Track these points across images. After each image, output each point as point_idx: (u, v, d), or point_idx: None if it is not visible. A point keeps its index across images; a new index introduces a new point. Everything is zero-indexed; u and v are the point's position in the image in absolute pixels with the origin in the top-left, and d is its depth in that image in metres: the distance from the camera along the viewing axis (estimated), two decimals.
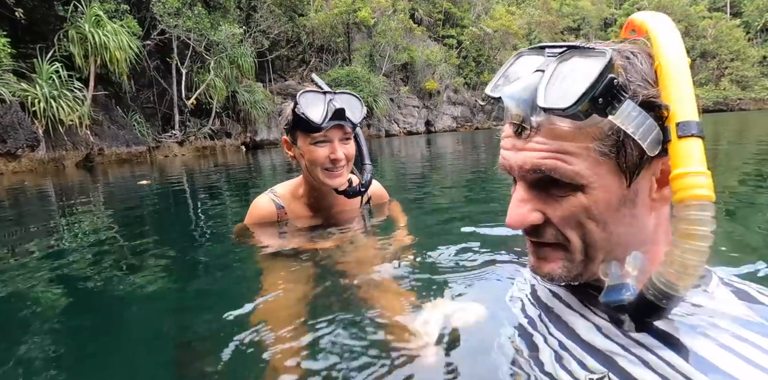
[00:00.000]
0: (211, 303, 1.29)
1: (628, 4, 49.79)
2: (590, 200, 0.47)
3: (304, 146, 1.36)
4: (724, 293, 0.48)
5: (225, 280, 1.48)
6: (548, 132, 0.47)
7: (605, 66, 0.41)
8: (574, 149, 0.46)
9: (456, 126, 31.19)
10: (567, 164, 0.46)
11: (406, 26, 26.80)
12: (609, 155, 0.46)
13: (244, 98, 15.81)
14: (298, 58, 23.00)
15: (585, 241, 0.50)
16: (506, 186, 3.48)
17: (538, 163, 0.47)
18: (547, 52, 0.47)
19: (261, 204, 1.53)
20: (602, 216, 0.48)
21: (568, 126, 0.46)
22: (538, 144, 0.48)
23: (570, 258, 0.52)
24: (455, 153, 8.18)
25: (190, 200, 3.82)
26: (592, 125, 0.45)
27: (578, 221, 0.49)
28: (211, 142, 15.09)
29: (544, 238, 0.52)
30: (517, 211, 0.51)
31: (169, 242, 2.15)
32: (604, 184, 0.47)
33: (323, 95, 1.33)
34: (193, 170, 7.44)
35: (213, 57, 14.44)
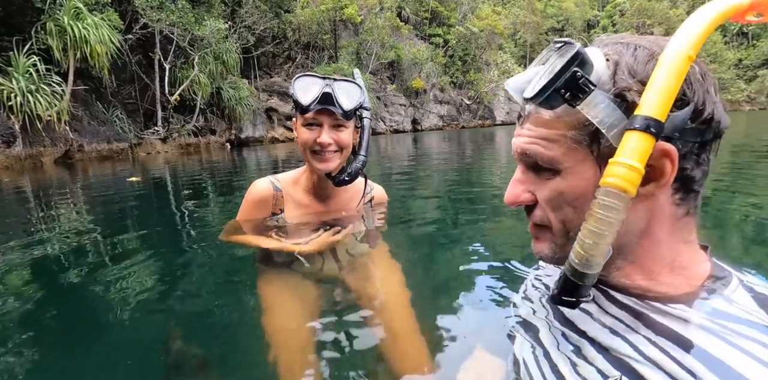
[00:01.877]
0: (201, 309, 1.28)
1: (611, 7, 50.66)
2: (566, 185, 0.51)
3: (299, 127, 1.40)
4: (743, 297, 0.47)
5: (216, 284, 1.47)
6: (534, 120, 0.52)
7: (567, 61, 0.44)
8: (552, 136, 0.50)
9: (442, 125, 31.32)
10: (545, 150, 0.51)
11: (393, 24, 26.76)
12: (581, 144, 0.49)
13: (228, 95, 15.58)
14: (284, 55, 22.77)
15: (564, 224, 0.53)
16: (490, 187, 3.52)
17: (524, 147, 0.53)
18: (553, 46, 0.50)
19: (259, 185, 1.53)
20: (578, 202, 0.50)
21: (549, 115, 0.50)
22: (526, 130, 0.53)
23: (554, 239, 0.55)
24: (444, 152, 8.22)
25: (177, 199, 3.76)
26: (571, 115, 0.48)
27: (557, 205, 0.52)
28: (195, 139, 14.85)
29: (534, 218, 0.56)
30: (512, 190, 0.56)
31: (158, 242, 2.12)
32: (579, 171, 0.50)
33: (321, 80, 1.35)
34: (177, 168, 7.32)
35: (197, 52, 14.19)
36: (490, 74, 34.88)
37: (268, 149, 12.98)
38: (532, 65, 0.52)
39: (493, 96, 35.70)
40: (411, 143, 13.01)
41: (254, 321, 1.14)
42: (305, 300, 1.23)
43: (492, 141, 12.03)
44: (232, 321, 1.20)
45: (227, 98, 15.59)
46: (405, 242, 1.82)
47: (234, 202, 3.23)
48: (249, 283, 1.45)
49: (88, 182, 5.62)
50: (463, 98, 34.02)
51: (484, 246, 1.76)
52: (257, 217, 1.52)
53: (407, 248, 1.75)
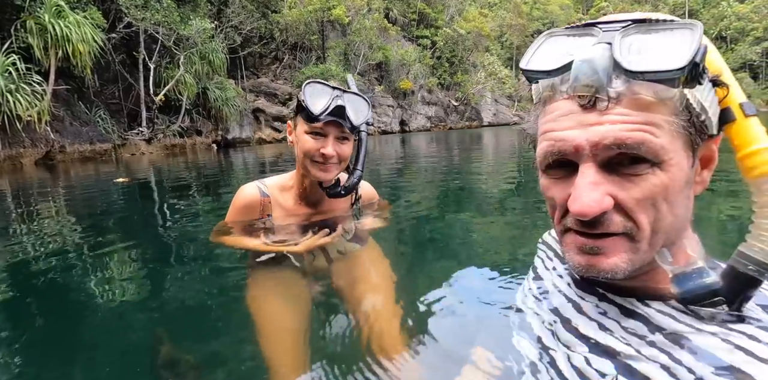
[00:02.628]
0: (190, 310, 1.27)
1: (594, 10, 51.53)
2: (669, 178, 0.44)
3: (301, 134, 1.38)
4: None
5: (204, 285, 1.46)
6: (632, 102, 0.43)
7: (701, 33, 0.40)
8: (660, 121, 0.43)
9: (430, 126, 31.43)
10: (654, 137, 0.42)
11: (381, 25, 26.79)
12: (687, 130, 0.44)
13: (215, 95, 15.42)
14: (271, 56, 22.62)
15: (653, 227, 0.45)
16: (475, 184, 3.56)
17: (623, 136, 0.42)
18: (603, 27, 0.45)
19: (246, 191, 1.52)
20: (675, 197, 0.45)
21: (651, 97, 0.42)
22: (620, 116, 0.43)
23: (635, 248, 0.46)
24: (432, 153, 8.26)
25: (163, 200, 3.71)
26: (670, 98, 0.42)
27: (653, 203, 0.44)
28: (180, 140, 14.65)
29: (611, 227, 0.45)
30: (592, 196, 0.44)
31: (146, 243, 2.09)
32: (679, 161, 0.44)
33: (332, 90, 1.34)
34: (163, 169, 7.22)
35: (183, 52, 14.02)
36: (477, 76, 35.13)
37: (256, 150, 12.88)
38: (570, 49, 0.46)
39: (480, 97, 35.98)
40: (399, 144, 13.04)
41: (243, 320, 1.14)
42: (296, 299, 1.23)
43: (479, 142, 12.13)
44: (221, 321, 1.20)
45: (213, 99, 15.43)
46: (395, 242, 1.84)
47: (221, 203, 3.20)
48: (237, 283, 1.44)
49: (70, 184, 5.51)
50: (451, 100, 34.21)
51: (474, 247, 1.79)
52: (246, 219, 1.52)
53: (397, 248, 1.76)
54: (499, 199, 2.96)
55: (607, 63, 0.42)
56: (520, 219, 2.29)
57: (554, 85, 0.47)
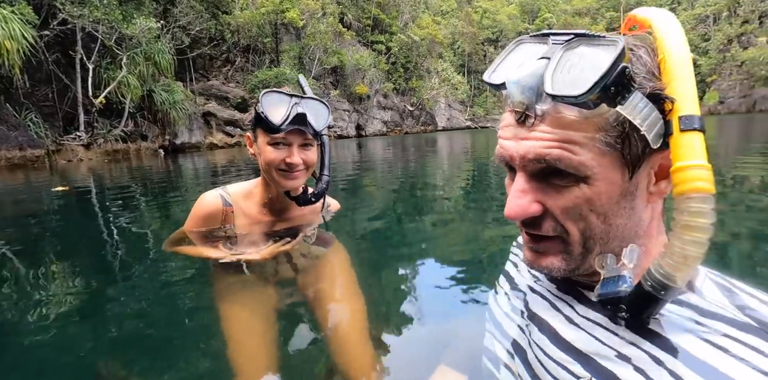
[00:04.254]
0: (141, 327, 1.18)
1: (539, 21, 54.31)
2: (593, 192, 0.46)
3: (263, 145, 1.34)
4: (712, 290, 0.47)
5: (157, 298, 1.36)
6: (554, 121, 0.46)
7: (619, 54, 0.40)
8: (580, 139, 0.45)
9: (386, 130, 31.71)
10: (572, 154, 0.45)
11: (336, 30, 26.77)
12: (614, 146, 0.45)
13: (161, 98, 14.70)
14: (222, 58, 21.94)
15: (584, 233, 0.49)
16: (434, 187, 3.62)
17: (542, 152, 0.46)
18: (552, 39, 0.47)
19: (207, 199, 1.45)
20: (603, 208, 0.47)
21: (575, 115, 0.44)
22: (543, 133, 0.46)
23: (569, 250, 0.51)
24: (388, 157, 8.31)
25: (105, 210, 3.46)
26: (598, 115, 0.44)
27: (579, 213, 0.48)
28: (123, 145, 13.81)
29: (542, 230, 0.51)
30: (517, 202, 0.49)
31: (87, 256, 1.93)
32: (607, 175, 0.46)
33: (289, 98, 1.31)
34: (104, 176, 6.76)
35: (125, 52, 13.27)
36: (432, 82, 35.94)
37: (207, 156, 12.39)
38: (527, 59, 0.48)
39: (434, 103, 36.80)
40: (356, 148, 13.03)
41: (197, 334, 1.09)
42: (261, 306, 1.21)
43: (434, 146, 12.36)
44: (175, 337, 1.12)
45: (160, 102, 14.69)
46: (357, 245, 1.81)
47: (169, 212, 3.03)
48: (190, 295, 1.39)
49: (6, 192, 5.02)
50: (406, 105, 34.72)
51: (434, 247, 1.80)
52: (206, 228, 1.47)
53: (360, 251, 1.74)
54: (455, 200, 3.01)
55: (536, 83, 0.45)
56: (476, 219, 2.33)
57: (505, 97, 0.51)
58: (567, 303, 0.56)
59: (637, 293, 0.43)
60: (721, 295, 0.46)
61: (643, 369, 0.43)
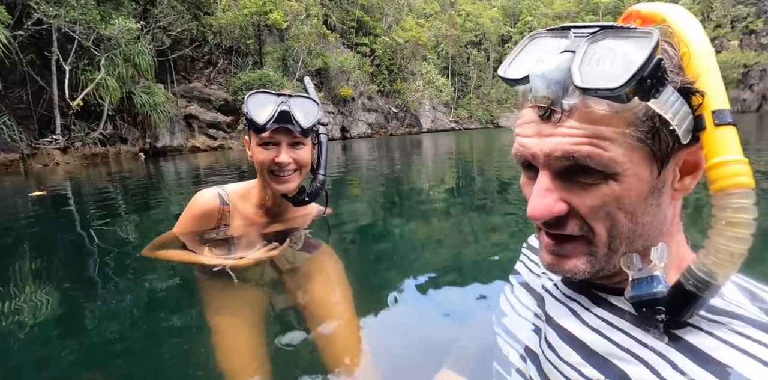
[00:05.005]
0: (124, 337, 1.14)
1: (521, 24, 55.11)
2: (622, 189, 0.45)
3: (254, 147, 1.34)
4: (732, 291, 0.46)
5: (139, 307, 1.32)
6: (582, 116, 0.44)
7: (655, 46, 0.39)
8: (611, 134, 0.43)
9: (371, 132, 31.70)
10: (603, 150, 0.43)
11: (320, 32, 26.67)
12: (645, 142, 0.44)
13: (141, 100, 14.39)
14: (204, 59, 21.61)
15: (611, 233, 0.47)
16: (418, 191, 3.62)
17: (571, 149, 0.44)
18: (574, 32, 0.45)
19: (204, 197, 1.41)
20: (632, 206, 0.46)
21: (605, 110, 0.43)
22: (571, 129, 0.44)
23: (593, 252, 0.49)
24: (374, 159, 8.30)
25: (83, 216, 3.37)
26: (628, 110, 0.42)
27: (607, 212, 0.46)
28: (102, 148, 13.47)
29: (567, 230, 0.49)
30: (542, 201, 0.46)
31: (66, 263, 1.87)
32: (637, 172, 0.44)
33: (276, 97, 1.30)
34: (82, 181, 6.59)
35: (104, 53, 12.96)
36: (416, 84, 36.10)
37: (189, 159, 12.18)
38: (546, 54, 0.46)
39: (419, 105, 36.96)
40: (341, 150, 12.99)
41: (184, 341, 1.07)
42: (250, 312, 1.19)
43: (419, 147, 12.41)
44: (158, 346, 1.09)
45: (140, 104, 14.38)
46: (347, 249, 1.80)
47: (149, 215, 2.96)
48: (176, 302, 1.36)
49: None
50: (391, 107, 34.78)
51: (421, 250, 1.80)
52: (198, 229, 1.42)
53: (351, 255, 1.73)
54: (442, 202, 3.02)
55: (563, 76, 0.43)
56: (463, 222, 2.34)
57: (524, 92, 0.49)
58: (582, 305, 0.55)
59: (677, 293, 0.42)
60: (742, 296, 0.45)
61: (657, 369, 0.42)
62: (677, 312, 0.42)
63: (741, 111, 38.14)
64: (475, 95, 51.06)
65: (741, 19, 40.84)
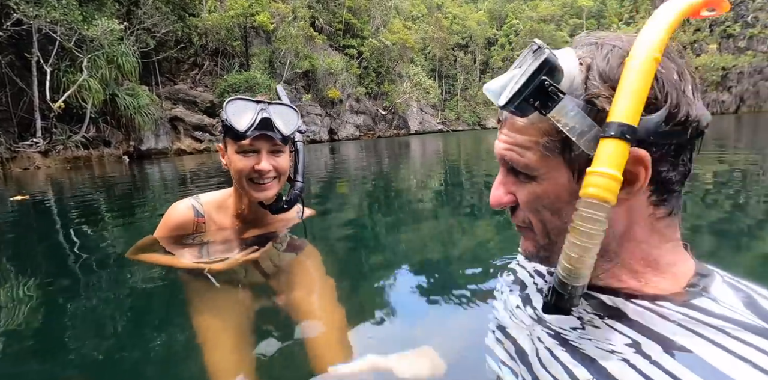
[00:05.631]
0: (108, 344, 1.12)
1: (507, 27, 55.79)
2: (542, 190, 0.51)
3: (232, 154, 1.30)
4: (728, 295, 0.46)
5: (123, 312, 1.30)
6: (509, 126, 0.52)
7: (536, 69, 0.44)
8: (526, 142, 0.50)
9: (359, 134, 31.70)
10: (519, 156, 0.51)
11: (307, 34, 26.63)
12: (554, 151, 0.48)
13: (125, 102, 14.17)
14: (190, 61, 21.41)
15: (544, 226, 0.53)
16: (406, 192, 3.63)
17: (502, 153, 0.53)
18: (530, 48, 0.48)
19: (178, 209, 1.40)
20: (554, 206, 0.51)
21: (522, 121, 0.49)
22: (503, 135, 0.53)
23: (536, 239, 0.56)
24: (361, 162, 8.29)
25: (65, 221, 3.29)
26: (543, 121, 0.47)
27: (535, 208, 0.53)
28: (85, 151, 13.23)
29: (517, 221, 0.57)
30: (495, 192, 0.56)
31: (48, 268, 1.82)
32: (553, 177, 0.50)
33: (255, 104, 1.28)
34: (64, 185, 6.45)
35: (86, 55, 12.75)
36: (404, 86, 36.24)
37: (174, 162, 12.01)
38: (511, 68, 0.51)
39: (406, 107, 37.08)
40: (329, 153, 12.95)
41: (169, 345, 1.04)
42: (236, 315, 1.18)
43: (407, 149, 12.44)
44: (143, 351, 1.07)
45: (123, 106, 14.16)
46: (332, 250, 1.79)
47: (134, 220, 2.91)
48: (159, 307, 1.34)
49: None
50: (379, 109, 34.84)
51: (409, 251, 1.80)
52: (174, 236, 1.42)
53: (336, 256, 1.72)
54: (430, 203, 3.03)
55: (499, 91, 0.50)
56: (450, 221, 2.35)
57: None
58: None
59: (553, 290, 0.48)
60: (736, 299, 0.45)
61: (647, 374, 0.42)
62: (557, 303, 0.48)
63: (720, 113, 39.12)
64: (462, 97, 51.47)
65: (719, 23, 41.95)
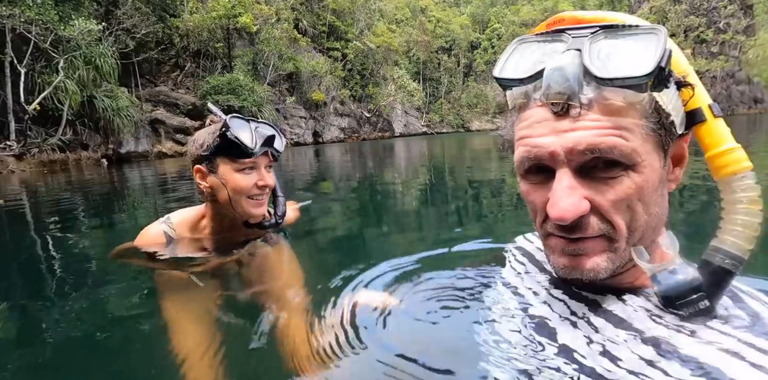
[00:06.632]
0: (82, 349, 1.08)
1: (489, 31, 56.51)
2: (642, 179, 0.45)
3: (229, 174, 1.28)
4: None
5: (95, 319, 1.26)
6: (602, 108, 0.44)
7: (666, 38, 0.42)
8: (630, 125, 0.44)
9: (344, 137, 31.65)
10: (626, 141, 0.44)
11: (291, 36, 26.49)
12: (657, 132, 0.45)
13: (104, 104, 13.83)
14: (171, 63, 21.07)
15: (630, 226, 0.47)
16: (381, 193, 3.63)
17: (595, 141, 0.43)
18: (572, 33, 0.46)
19: (149, 235, 1.40)
20: (649, 197, 0.46)
21: (621, 102, 0.43)
22: (593, 121, 0.44)
23: (614, 248, 0.47)
24: (348, 163, 8.27)
25: (39, 228, 3.19)
26: (639, 102, 0.44)
27: (628, 205, 0.46)
28: (61, 155, 12.86)
29: (588, 231, 0.47)
30: (569, 201, 0.45)
31: (22, 280, 1.75)
32: (651, 162, 0.45)
33: (247, 122, 1.30)
34: (39, 190, 6.26)
35: (63, 55, 12.42)
36: (388, 89, 36.34)
37: (155, 165, 11.78)
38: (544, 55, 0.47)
39: (391, 109, 37.20)
40: (313, 155, 12.89)
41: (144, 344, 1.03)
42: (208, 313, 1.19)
43: (392, 152, 12.46)
44: (118, 353, 1.04)
45: (102, 108, 13.82)
46: (314, 252, 1.78)
47: (113, 226, 2.84)
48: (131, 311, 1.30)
49: None
50: (363, 111, 34.86)
51: (390, 251, 1.79)
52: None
53: (318, 257, 1.71)
54: (413, 205, 3.03)
55: (578, 70, 0.43)
56: (434, 225, 2.36)
57: (528, 93, 0.48)
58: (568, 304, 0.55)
59: (713, 275, 0.43)
60: (725, 297, 0.46)
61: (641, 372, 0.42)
62: (714, 295, 0.43)
63: None
64: (446, 100, 51.87)
65: (693, 29, 43.34)
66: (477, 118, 52.35)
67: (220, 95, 18.76)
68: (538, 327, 0.58)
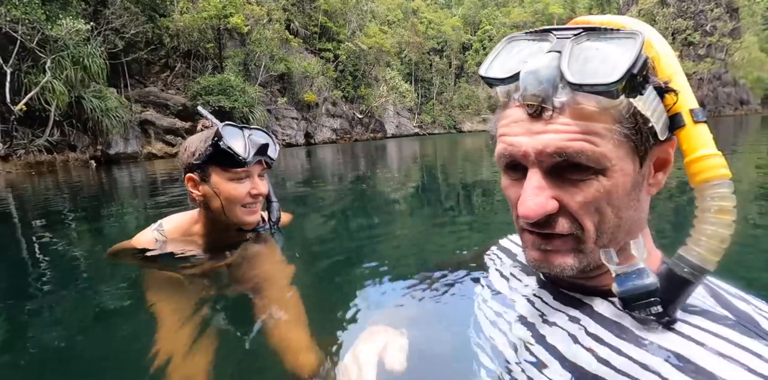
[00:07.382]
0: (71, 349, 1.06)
1: (481, 32, 56.84)
2: (612, 184, 0.46)
3: (221, 183, 1.27)
4: (699, 290, 0.48)
5: (84, 321, 1.24)
6: (573, 112, 0.44)
7: (642, 44, 0.41)
8: (600, 130, 0.44)
9: (336, 138, 31.60)
10: (594, 146, 0.44)
11: (282, 37, 26.39)
12: (630, 137, 0.45)
13: (92, 105, 13.64)
14: (161, 63, 20.85)
15: (599, 228, 0.48)
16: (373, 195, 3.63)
17: (564, 145, 0.44)
18: (557, 34, 0.46)
19: (140, 245, 1.40)
20: (619, 201, 0.47)
21: (594, 106, 0.44)
22: (563, 125, 0.45)
23: (581, 248, 0.49)
24: (340, 164, 8.25)
25: (26, 231, 3.14)
26: (614, 107, 0.44)
27: (596, 208, 0.47)
28: (48, 156, 12.66)
29: (556, 229, 0.48)
30: (536, 200, 0.46)
31: (7, 285, 1.72)
32: (623, 167, 0.46)
33: (240, 130, 1.28)
34: (26, 191, 6.16)
35: (50, 55, 12.24)
36: (380, 90, 36.36)
37: (145, 167, 11.66)
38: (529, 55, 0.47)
39: (383, 110, 37.23)
40: (305, 156, 12.84)
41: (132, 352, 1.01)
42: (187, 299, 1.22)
43: (384, 152, 12.47)
44: (106, 354, 1.03)
45: (90, 109, 13.63)
46: (307, 253, 1.77)
47: (102, 229, 2.80)
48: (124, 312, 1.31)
49: None
50: (355, 112, 34.84)
51: (382, 253, 1.79)
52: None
53: (310, 258, 1.70)
54: (405, 205, 3.04)
55: (554, 73, 0.44)
56: (426, 225, 2.36)
57: (509, 92, 0.49)
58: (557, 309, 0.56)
59: (670, 282, 0.43)
60: (708, 295, 0.47)
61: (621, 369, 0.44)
62: (670, 303, 0.43)
63: None
64: (438, 101, 52.01)
65: (681, 32, 43.98)
66: (468, 119, 52.55)
67: (210, 96, 18.60)
68: (524, 328, 0.59)
